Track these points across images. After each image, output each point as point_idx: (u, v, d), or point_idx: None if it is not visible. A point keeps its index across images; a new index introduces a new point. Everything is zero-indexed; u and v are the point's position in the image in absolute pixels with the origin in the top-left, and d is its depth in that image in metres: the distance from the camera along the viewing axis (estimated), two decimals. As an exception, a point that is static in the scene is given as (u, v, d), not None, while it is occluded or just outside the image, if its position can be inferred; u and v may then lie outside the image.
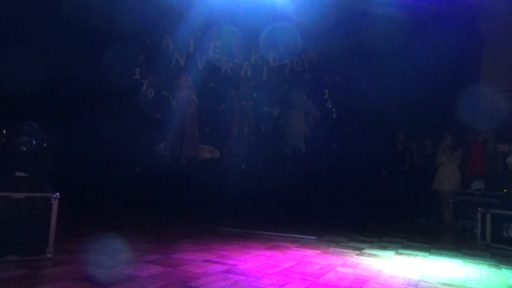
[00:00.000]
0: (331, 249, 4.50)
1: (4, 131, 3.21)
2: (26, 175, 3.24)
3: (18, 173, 3.22)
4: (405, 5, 9.20)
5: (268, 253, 4.05)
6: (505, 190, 6.06)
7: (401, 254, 4.48)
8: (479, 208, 5.85)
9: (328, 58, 9.24)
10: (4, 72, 5.97)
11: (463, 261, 4.31)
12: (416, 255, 4.44)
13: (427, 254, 4.59)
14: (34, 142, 3.28)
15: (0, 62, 5.85)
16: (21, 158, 3.25)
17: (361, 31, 8.69)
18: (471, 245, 5.58)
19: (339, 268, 3.50)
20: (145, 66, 7.74)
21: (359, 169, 8.66)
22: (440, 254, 4.63)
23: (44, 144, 3.35)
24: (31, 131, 3.29)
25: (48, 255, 3.14)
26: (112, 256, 3.42)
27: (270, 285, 2.84)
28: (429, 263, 4.05)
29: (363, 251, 4.51)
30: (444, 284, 3.21)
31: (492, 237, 5.51)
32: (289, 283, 2.92)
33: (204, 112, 8.11)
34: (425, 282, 3.23)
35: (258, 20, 8.34)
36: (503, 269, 4.01)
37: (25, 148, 3.25)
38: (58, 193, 3.22)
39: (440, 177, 7.75)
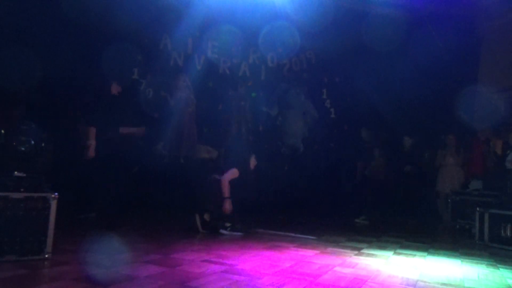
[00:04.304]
0: (330, 249, 4.51)
1: (2, 131, 3.20)
2: (25, 175, 3.24)
3: (16, 173, 3.21)
4: (403, 4, 9.22)
5: (267, 253, 4.05)
6: None
7: (400, 254, 4.49)
8: (477, 208, 5.85)
9: (326, 58, 9.26)
10: (1, 71, 5.96)
11: (461, 261, 4.32)
12: (414, 255, 4.45)
13: (425, 254, 4.59)
14: (32, 142, 3.27)
15: (-2, 61, 5.84)
16: (20, 158, 3.24)
17: (360, 31, 8.71)
18: (469, 245, 5.59)
19: (337, 268, 3.51)
20: (143, 66, 7.73)
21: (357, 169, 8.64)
22: (438, 254, 4.64)
23: (42, 144, 3.35)
24: (30, 131, 3.28)
25: (47, 255, 3.13)
26: (110, 256, 3.41)
27: (268, 285, 2.84)
28: (428, 263, 4.06)
29: (362, 251, 4.51)
30: (442, 284, 3.21)
31: (490, 237, 5.52)
32: (288, 283, 2.92)
33: (202, 112, 8.10)
34: (423, 282, 3.23)
35: (256, 20, 8.34)
36: (501, 269, 4.02)
37: (23, 148, 3.25)
38: (56, 193, 3.21)
39: (445, 178, 7.73)
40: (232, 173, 5.37)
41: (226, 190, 5.28)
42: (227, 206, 5.27)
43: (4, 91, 6.00)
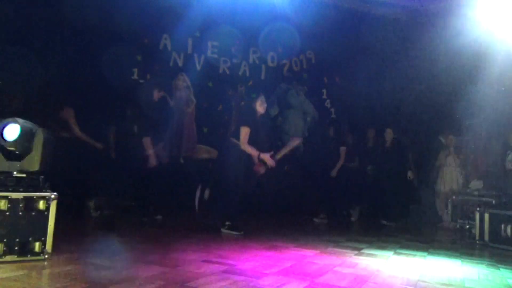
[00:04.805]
0: (330, 249, 4.50)
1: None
2: (24, 175, 3.23)
3: (16, 173, 3.20)
4: (403, 5, 9.21)
5: (267, 253, 4.04)
6: None
7: (400, 254, 4.49)
8: (478, 208, 5.85)
9: (326, 58, 9.25)
10: (1, 71, 5.96)
11: (462, 261, 4.32)
12: (414, 255, 4.44)
13: (425, 254, 4.59)
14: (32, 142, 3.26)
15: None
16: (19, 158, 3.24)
17: (360, 31, 8.70)
18: (470, 245, 5.59)
19: (337, 268, 3.50)
20: (143, 66, 7.72)
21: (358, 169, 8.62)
22: (439, 254, 4.63)
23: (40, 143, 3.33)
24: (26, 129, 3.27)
25: (47, 255, 3.12)
26: (110, 256, 3.41)
27: (268, 285, 2.84)
28: (428, 263, 4.05)
29: (362, 251, 4.51)
30: (443, 284, 3.21)
31: (490, 237, 5.51)
32: (288, 283, 2.91)
33: (202, 112, 8.09)
34: (423, 282, 3.23)
35: (256, 20, 8.33)
36: (501, 269, 4.02)
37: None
38: (56, 193, 3.20)
39: (444, 178, 7.73)
40: (244, 132, 5.26)
41: (252, 151, 5.22)
42: (267, 157, 5.25)
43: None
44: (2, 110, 5.73)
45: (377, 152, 8.09)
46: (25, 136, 3.18)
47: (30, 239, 3.08)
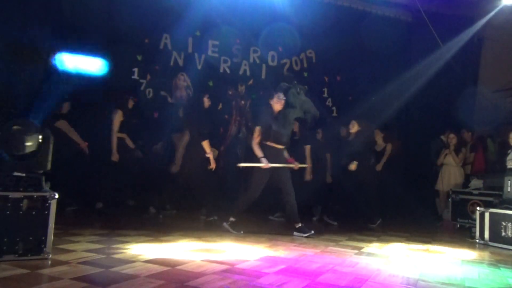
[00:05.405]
0: (330, 248, 4.50)
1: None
2: (24, 174, 3.23)
3: (15, 173, 3.20)
4: (404, 5, 9.22)
5: (267, 252, 4.05)
6: None
7: (400, 253, 4.48)
8: (478, 207, 5.84)
9: (327, 57, 9.25)
10: (1, 71, 5.96)
11: (462, 260, 4.31)
12: (414, 254, 4.44)
13: (425, 253, 4.59)
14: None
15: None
16: (19, 157, 3.24)
17: (360, 30, 8.70)
18: (470, 244, 5.58)
19: (338, 267, 3.50)
20: (143, 66, 7.73)
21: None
22: (439, 253, 4.63)
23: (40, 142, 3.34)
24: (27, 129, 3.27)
25: (46, 255, 3.13)
26: (110, 255, 3.41)
27: (268, 284, 2.84)
28: (428, 262, 4.05)
29: (362, 250, 4.51)
30: (443, 283, 3.20)
31: (490, 236, 5.51)
32: (288, 282, 2.92)
33: (202, 111, 8.09)
34: (424, 281, 3.22)
35: (257, 19, 8.34)
36: (501, 269, 4.01)
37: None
38: (56, 193, 3.21)
39: (444, 177, 7.72)
40: (256, 132, 5.37)
41: (257, 151, 5.31)
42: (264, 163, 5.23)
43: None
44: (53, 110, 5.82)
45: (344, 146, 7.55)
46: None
47: (30, 238, 3.08)
